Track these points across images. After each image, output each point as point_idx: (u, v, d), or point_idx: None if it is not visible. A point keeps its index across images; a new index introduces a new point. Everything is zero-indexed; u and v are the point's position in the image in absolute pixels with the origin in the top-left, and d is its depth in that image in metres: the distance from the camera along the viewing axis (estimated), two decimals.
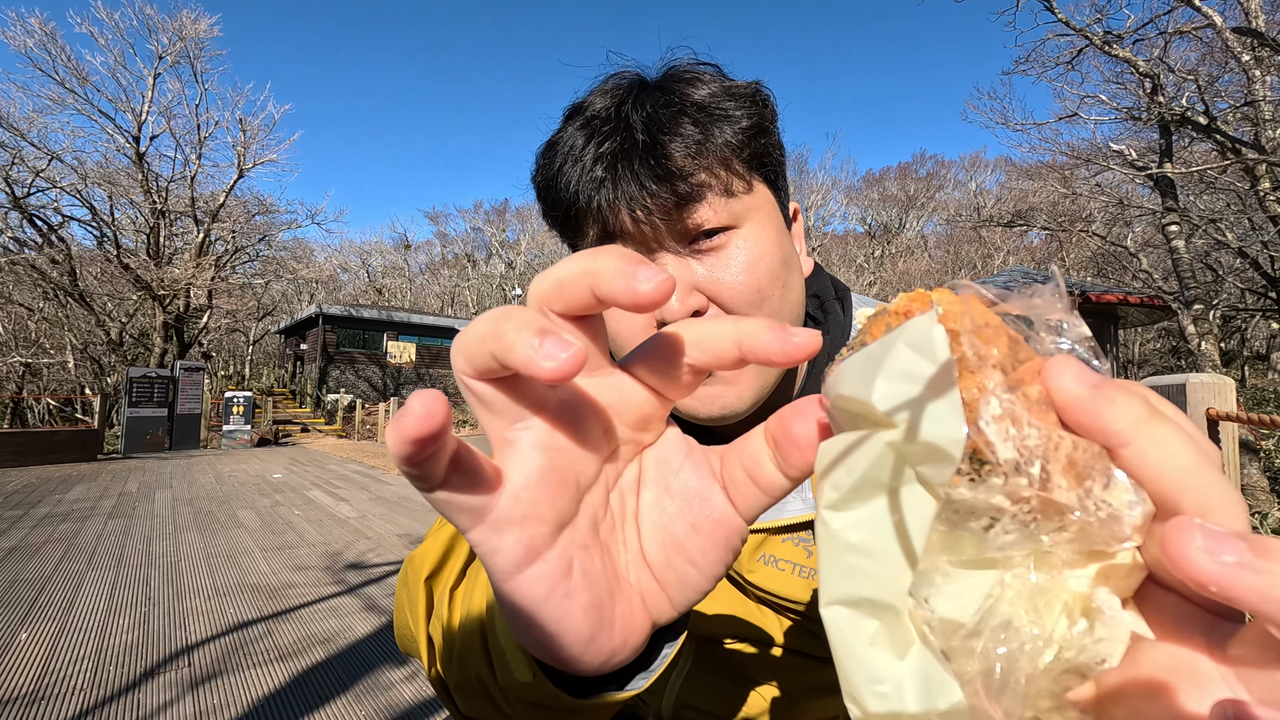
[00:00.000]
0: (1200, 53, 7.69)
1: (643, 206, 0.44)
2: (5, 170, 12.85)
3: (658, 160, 0.43)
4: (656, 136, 0.44)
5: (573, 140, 0.46)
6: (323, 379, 21.17)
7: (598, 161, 0.45)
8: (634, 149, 0.44)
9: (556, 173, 0.47)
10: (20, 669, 2.31)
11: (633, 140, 0.44)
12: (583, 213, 0.46)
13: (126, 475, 8.01)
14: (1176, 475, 0.15)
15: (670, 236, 0.45)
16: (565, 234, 0.50)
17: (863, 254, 40.58)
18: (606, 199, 0.44)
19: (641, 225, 0.44)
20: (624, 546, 0.25)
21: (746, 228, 0.47)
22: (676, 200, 0.44)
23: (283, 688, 2.19)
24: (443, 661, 0.43)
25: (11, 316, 17.75)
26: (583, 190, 0.45)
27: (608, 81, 0.50)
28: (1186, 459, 0.15)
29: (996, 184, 36.99)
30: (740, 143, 0.46)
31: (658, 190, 0.43)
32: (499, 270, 47.18)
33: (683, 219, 0.44)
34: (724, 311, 0.46)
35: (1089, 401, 0.16)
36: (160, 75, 15.17)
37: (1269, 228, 6.40)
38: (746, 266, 0.45)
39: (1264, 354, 23.87)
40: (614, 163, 0.44)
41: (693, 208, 0.44)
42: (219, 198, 16.21)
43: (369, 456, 10.86)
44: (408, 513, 5.60)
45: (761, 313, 0.46)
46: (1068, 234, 14.93)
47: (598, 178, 0.45)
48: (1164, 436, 0.16)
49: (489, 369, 0.20)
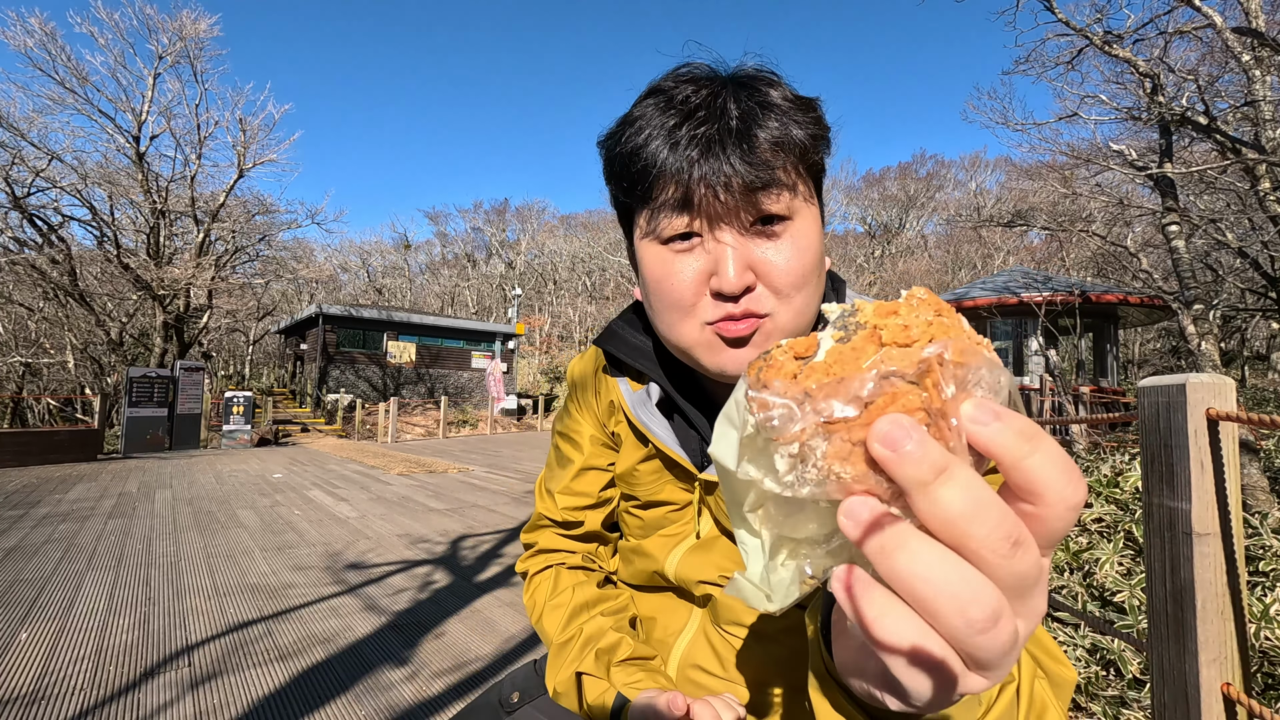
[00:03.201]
0: (1200, 53, 7.69)
1: (725, 185, 0.49)
2: (5, 170, 12.84)
3: (750, 146, 0.49)
4: (750, 126, 0.50)
5: (663, 119, 0.51)
6: (323, 379, 21.16)
7: (693, 141, 0.50)
8: (728, 134, 0.49)
9: (643, 143, 0.52)
10: (20, 669, 2.31)
11: (728, 127, 0.49)
12: (665, 180, 0.51)
13: (126, 475, 8.01)
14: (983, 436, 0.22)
15: (738, 215, 0.51)
16: (629, 193, 0.55)
17: (863, 254, 40.57)
18: (699, 173, 0.49)
19: (719, 201, 0.50)
20: None
21: (799, 221, 0.52)
22: (756, 184, 0.49)
23: (283, 688, 2.19)
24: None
25: (11, 316, 17.74)
26: (672, 162, 0.50)
27: (684, 71, 0.55)
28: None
29: (996, 184, 37.01)
30: (807, 147, 0.51)
31: (745, 172, 0.49)
32: (499, 270, 47.17)
33: (755, 201, 0.50)
34: (769, 290, 0.51)
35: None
36: (160, 75, 15.16)
37: (1269, 228, 6.40)
38: (796, 254, 0.51)
39: (1264, 354, 23.86)
40: (709, 143, 0.49)
41: (766, 193, 0.50)
42: (219, 198, 16.20)
43: (369, 456, 10.86)
44: (408, 513, 5.60)
45: (800, 295, 0.52)
46: (1068, 234, 14.92)
47: (692, 156, 0.49)
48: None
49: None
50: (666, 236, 0.53)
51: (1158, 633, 1.12)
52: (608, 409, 0.71)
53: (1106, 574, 2.57)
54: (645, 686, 0.59)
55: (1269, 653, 1.91)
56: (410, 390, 23.17)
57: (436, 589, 3.36)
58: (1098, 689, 2.04)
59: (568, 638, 0.66)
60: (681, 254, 0.52)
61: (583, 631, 0.66)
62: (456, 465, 9.58)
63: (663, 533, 0.65)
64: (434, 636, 2.68)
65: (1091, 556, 2.77)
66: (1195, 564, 1.04)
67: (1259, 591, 2.21)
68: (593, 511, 0.73)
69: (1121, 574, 2.57)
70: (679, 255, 0.53)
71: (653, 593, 0.68)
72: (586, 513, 0.73)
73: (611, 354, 0.68)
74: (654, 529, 0.66)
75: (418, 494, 6.74)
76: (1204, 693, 1.03)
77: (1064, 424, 8.50)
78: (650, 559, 0.66)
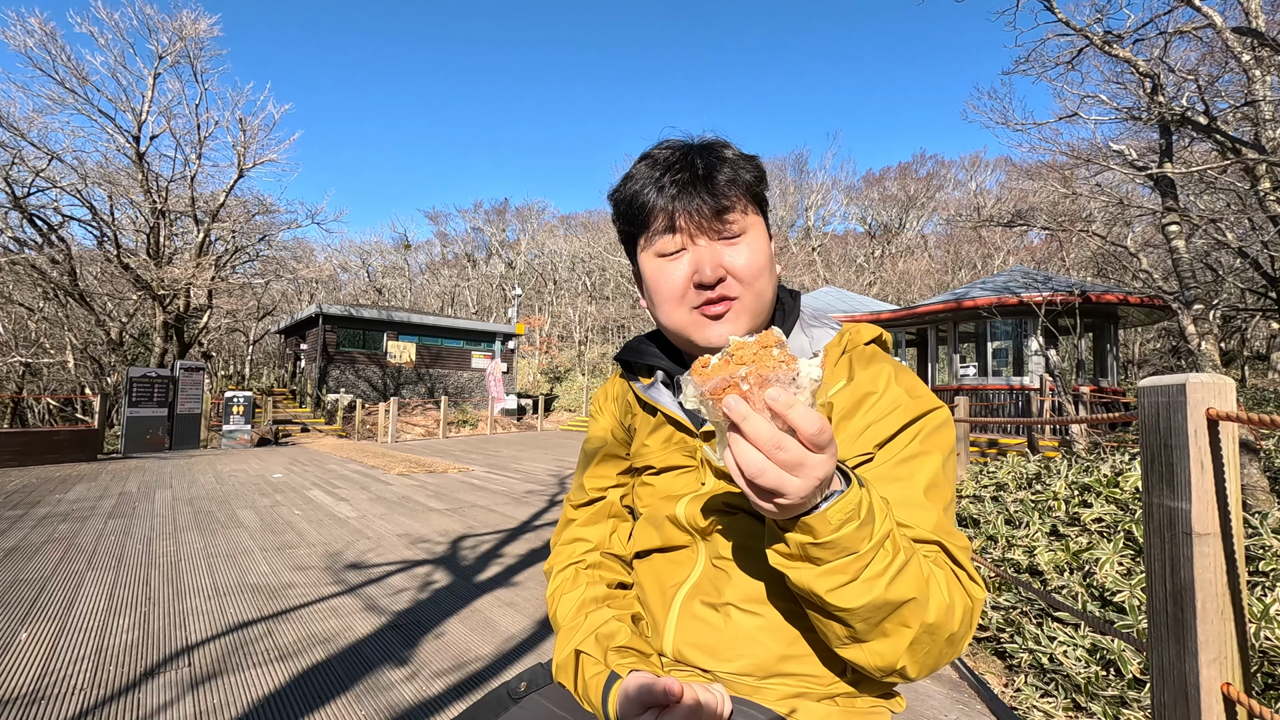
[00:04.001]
0: (1200, 53, 7.69)
1: (698, 211, 0.71)
2: (5, 170, 12.84)
3: (711, 185, 0.71)
4: (711, 172, 0.72)
5: (651, 174, 0.74)
6: (323, 379, 21.16)
7: (673, 184, 0.72)
8: (697, 178, 0.72)
9: (640, 190, 0.74)
10: (20, 669, 2.31)
11: (696, 174, 0.72)
12: (655, 213, 0.73)
13: (126, 475, 8.01)
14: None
15: (708, 231, 0.72)
16: (633, 226, 0.77)
17: (863, 254, 40.54)
18: (679, 205, 0.72)
19: (693, 223, 0.72)
20: None
21: (752, 232, 0.74)
22: (718, 210, 0.71)
23: (283, 688, 2.19)
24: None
25: (11, 316, 17.73)
26: (660, 201, 0.73)
27: (665, 142, 0.78)
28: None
29: (996, 184, 36.96)
30: (750, 185, 0.74)
31: (710, 201, 0.71)
32: (499, 270, 47.14)
33: (718, 220, 0.72)
34: (736, 280, 0.72)
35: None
36: (160, 75, 15.14)
37: (1269, 228, 6.40)
38: (752, 255, 0.73)
39: (1264, 354, 23.85)
40: (684, 185, 0.71)
41: (727, 215, 0.72)
42: (219, 197, 16.20)
43: (369, 456, 10.86)
44: (408, 513, 5.60)
45: (758, 282, 0.74)
46: (1068, 234, 14.91)
47: (672, 194, 0.72)
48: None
49: None
50: (660, 252, 0.74)
51: (1157, 633, 1.12)
52: (625, 407, 0.92)
53: (1106, 574, 2.57)
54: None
55: (1269, 653, 1.91)
56: (410, 390, 23.16)
57: (436, 589, 3.36)
58: (1098, 688, 2.04)
59: (574, 623, 0.79)
60: (672, 261, 0.74)
61: (588, 619, 0.78)
62: (456, 465, 9.59)
63: (673, 490, 0.82)
64: (434, 636, 2.68)
65: (1091, 556, 2.77)
66: (1195, 564, 1.04)
67: (1259, 591, 2.21)
68: (613, 490, 0.93)
69: (1121, 574, 2.57)
70: (671, 262, 0.74)
71: (663, 553, 0.81)
72: (609, 490, 0.93)
73: (627, 361, 0.90)
74: (665, 491, 0.82)
75: (418, 494, 6.74)
76: (1204, 692, 1.03)
77: (1064, 424, 8.50)
78: (667, 504, 0.81)
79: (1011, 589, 2.83)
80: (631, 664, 0.70)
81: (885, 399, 0.71)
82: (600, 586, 0.83)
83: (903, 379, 0.74)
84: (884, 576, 0.55)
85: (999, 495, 4.07)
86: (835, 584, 0.55)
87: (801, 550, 0.55)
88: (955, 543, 0.65)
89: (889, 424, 0.70)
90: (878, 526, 0.55)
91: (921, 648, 0.59)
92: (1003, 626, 2.62)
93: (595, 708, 0.69)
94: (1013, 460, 4.99)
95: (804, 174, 44.41)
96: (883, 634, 0.58)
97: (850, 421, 0.71)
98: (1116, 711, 1.94)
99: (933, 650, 0.60)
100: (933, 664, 0.61)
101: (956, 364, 12.73)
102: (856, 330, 0.80)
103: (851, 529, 0.54)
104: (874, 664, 0.61)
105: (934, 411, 0.71)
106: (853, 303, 16.60)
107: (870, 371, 0.74)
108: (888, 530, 0.56)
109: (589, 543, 0.90)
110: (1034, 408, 10.56)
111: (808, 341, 0.80)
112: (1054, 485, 3.69)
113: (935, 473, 0.68)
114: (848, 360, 0.76)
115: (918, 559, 0.59)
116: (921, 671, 0.62)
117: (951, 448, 0.72)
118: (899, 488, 0.67)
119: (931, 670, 0.62)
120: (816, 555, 0.55)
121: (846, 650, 0.61)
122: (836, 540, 0.53)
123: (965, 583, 0.64)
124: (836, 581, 0.55)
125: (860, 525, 0.54)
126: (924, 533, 0.65)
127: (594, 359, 34.66)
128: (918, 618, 0.58)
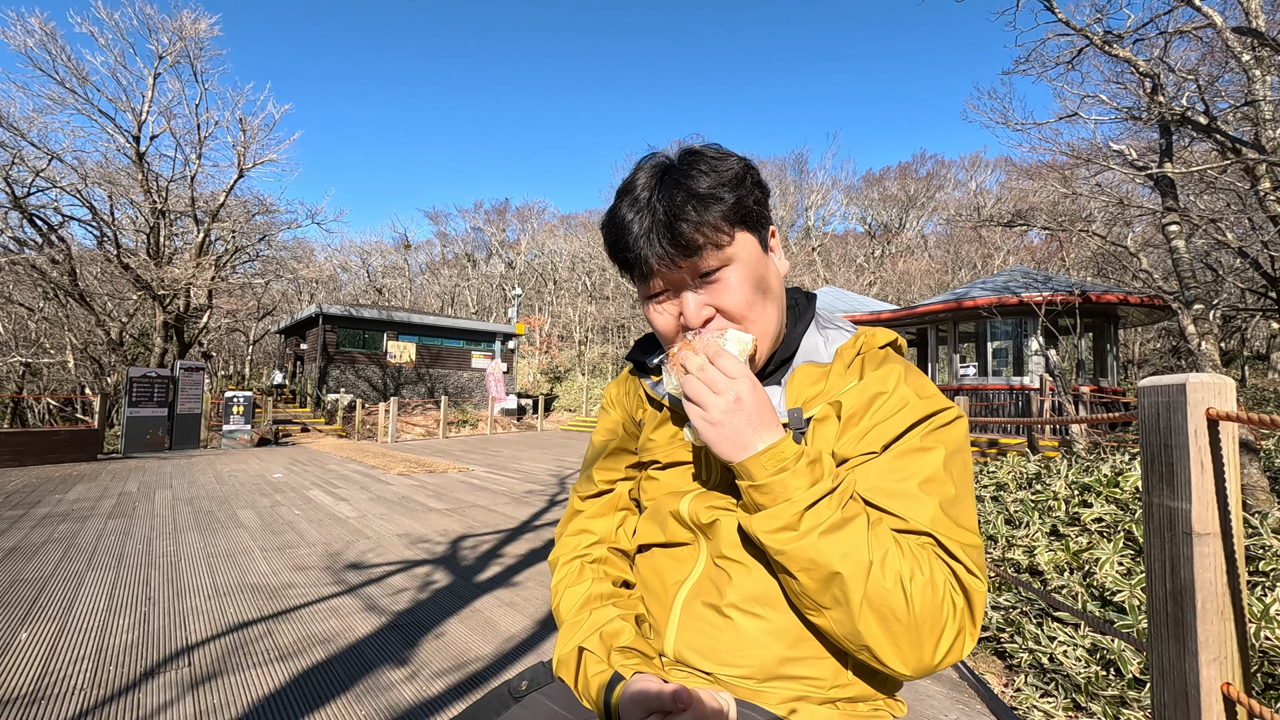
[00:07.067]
0: (1200, 53, 7.69)
1: (665, 261, 0.70)
2: (5, 170, 12.83)
3: (674, 235, 0.69)
4: (672, 221, 0.69)
5: (623, 214, 0.73)
6: (323, 379, 21.15)
7: (638, 233, 0.71)
8: (656, 226, 0.70)
9: (615, 240, 0.74)
10: (20, 669, 2.31)
11: (655, 220, 0.70)
12: (632, 262, 0.73)
13: (126, 475, 8.01)
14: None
15: (686, 275, 0.72)
16: (624, 269, 0.77)
17: (863, 254, 40.54)
18: (645, 255, 0.71)
19: (666, 271, 0.72)
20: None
21: (735, 264, 0.72)
22: (685, 256, 0.70)
23: (283, 688, 2.19)
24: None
25: (11, 316, 17.74)
26: (631, 249, 0.72)
27: (644, 162, 0.75)
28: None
29: (996, 184, 36.94)
30: (725, 214, 0.70)
31: (674, 252, 0.70)
32: (499, 270, 47.14)
33: (691, 265, 0.71)
34: (726, 318, 0.73)
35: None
36: (160, 75, 15.12)
37: (1269, 228, 6.40)
38: (735, 288, 0.72)
39: (1264, 354, 23.86)
40: (646, 235, 0.70)
41: (695, 259, 0.70)
42: (219, 198, 16.18)
43: (369, 456, 10.86)
44: (408, 513, 5.60)
45: (752, 311, 0.73)
46: (1068, 234, 14.91)
47: (642, 245, 0.71)
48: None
49: None
50: (648, 294, 0.76)
51: (1158, 632, 1.12)
52: (635, 401, 0.93)
53: (1106, 574, 2.57)
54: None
55: (1269, 653, 1.91)
56: (410, 390, 23.16)
57: (436, 589, 3.36)
58: (1098, 689, 2.04)
59: (578, 619, 0.79)
60: (663, 303, 0.76)
61: (592, 615, 0.78)
62: (456, 465, 9.58)
63: (678, 486, 0.84)
64: (434, 636, 2.68)
65: (1091, 556, 2.77)
66: (1195, 564, 1.04)
67: (1259, 591, 2.21)
68: (622, 483, 0.94)
69: (1121, 574, 2.57)
70: (661, 305, 0.76)
71: (664, 548, 0.82)
72: (618, 483, 0.94)
73: (637, 360, 0.93)
74: (670, 487, 0.84)
75: (418, 494, 6.74)
76: (1204, 692, 1.03)
77: (1064, 424, 8.50)
78: (671, 499, 0.83)
79: (1012, 589, 2.84)
80: (635, 665, 0.70)
81: (893, 399, 0.71)
82: (605, 583, 0.84)
83: (912, 380, 0.73)
84: (818, 529, 0.61)
85: (999, 495, 4.07)
86: (771, 526, 0.62)
87: (749, 498, 0.64)
88: (953, 537, 0.64)
89: (896, 423, 0.69)
90: (820, 484, 0.62)
91: (885, 627, 0.60)
92: (1003, 626, 2.62)
93: (595, 706, 0.69)
94: (1013, 460, 4.99)
95: (804, 174, 44.41)
96: (836, 601, 0.62)
97: (859, 421, 0.71)
98: (1116, 711, 1.94)
99: (904, 636, 0.60)
100: (915, 656, 0.61)
101: (956, 364, 12.73)
102: (872, 334, 0.80)
103: (784, 476, 0.62)
104: (842, 634, 0.63)
105: (943, 411, 0.71)
106: (853, 303, 16.58)
107: (880, 372, 0.74)
108: (830, 488, 0.63)
109: (595, 535, 0.90)
110: (1034, 408, 10.55)
111: (822, 341, 0.80)
112: (1054, 485, 3.69)
113: (935, 467, 0.67)
114: (860, 362, 0.76)
115: (873, 530, 0.62)
116: (904, 662, 0.61)
117: (958, 446, 0.70)
118: (893, 479, 0.67)
119: (919, 664, 0.61)
120: (759, 501, 0.63)
121: (816, 617, 0.65)
122: (770, 484, 0.62)
123: (964, 576, 0.63)
124: (773, 524, 0.62)
125: (793, 475, 0.62)
126: (915, 525, 0.64)
127: (594, 359, 34.65)
128: (859, 584, 0.60)
